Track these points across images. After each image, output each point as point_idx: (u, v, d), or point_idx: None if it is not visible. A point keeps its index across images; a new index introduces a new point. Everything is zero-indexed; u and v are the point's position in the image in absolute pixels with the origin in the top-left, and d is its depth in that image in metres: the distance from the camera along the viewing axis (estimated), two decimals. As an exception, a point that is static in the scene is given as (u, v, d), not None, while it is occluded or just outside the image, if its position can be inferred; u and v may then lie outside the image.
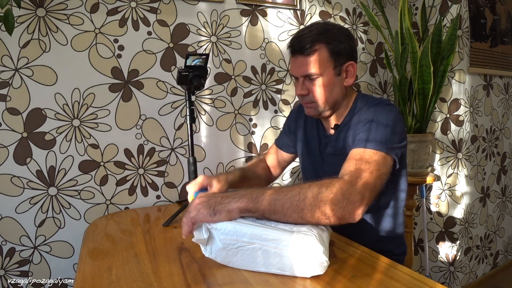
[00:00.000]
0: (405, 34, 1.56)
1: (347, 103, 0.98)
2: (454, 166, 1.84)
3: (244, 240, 0.67)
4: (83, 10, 1.19)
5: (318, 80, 0.90)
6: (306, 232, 0.66)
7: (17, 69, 1.12)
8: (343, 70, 0.92)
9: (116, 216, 1.18)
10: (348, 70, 0.93)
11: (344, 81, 0.93)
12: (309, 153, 1.08)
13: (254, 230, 0.67)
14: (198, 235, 0.70)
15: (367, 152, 0.79)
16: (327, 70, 0.90)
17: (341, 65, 0.91)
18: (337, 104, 0.96)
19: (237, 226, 0.67)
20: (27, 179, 1.15)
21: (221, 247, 0.69)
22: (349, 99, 0.98)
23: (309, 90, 0.92)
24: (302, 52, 0.89)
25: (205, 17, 1.39)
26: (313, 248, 0.63)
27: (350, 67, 0.92)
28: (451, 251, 1.86)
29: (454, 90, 1.81)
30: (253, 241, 0.66)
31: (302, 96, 0.94)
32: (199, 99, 1.41)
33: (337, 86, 0.92)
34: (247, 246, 0.67)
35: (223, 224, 0.68)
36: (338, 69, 0.91)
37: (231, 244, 0.68)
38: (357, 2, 1.75)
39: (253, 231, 0.66)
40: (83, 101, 1.21)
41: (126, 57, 1.27)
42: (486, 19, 1.87)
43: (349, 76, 0.93)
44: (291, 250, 0.64)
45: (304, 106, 0.98)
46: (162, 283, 0.65)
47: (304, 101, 0.96)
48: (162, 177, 1.35)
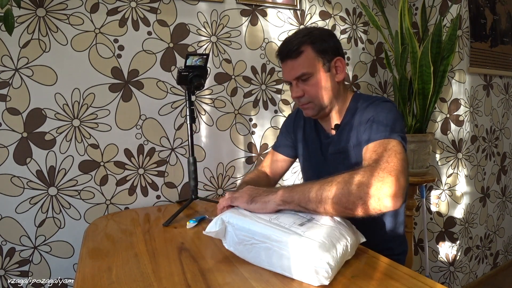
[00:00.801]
0: (405, 34, 1.57)
1: (344, 102, 0.99)
2: (454, 166, 1.84)
3: (256, 238, 0.68)
4: (83, 10, 1.19)
5: (311, 79, 0.93)
6: (314, 238, 0.64)
7: (17, 69, 1.12)
8: (332, 66, 0.94)
9: (116, 216, 1.18)
10: (337, 66, 0.95)
11: (335, 77, 0.95)
12: (309, 154, 1.08)
13: (264, 229, 0.67)
14: (210, 227, 0.73)
15: (380, 142, 0.80)
16: (317, 68, 0.92)
17: (329, 62, 0.94)
18: (333, 101, 0.97)
19: (250, 224, 0.69)
20: (27, 179, 1.15)
21: (237, 241, 0.71)
22: (345, 98, 0.99)
23: (304, 90, 0.94)
24: (290, 56, 0.92)
25: (205, 17, 1.39)
26: (316, 256, 0.61)
27: (338, 62, 0.95)
28: (451, 251, 1.86)
29: (454, 90, 1.81)
30: (264, 240, 0.67)
31: (298, 98, 0.96)
32: (199, 99, 1.41)
33: (329, 82, 0.95)
34: (259, 245, 0.68)
35: (238, 220, 0.71)
36: (327, 65, 0.93)
37: (246, 240, 0.70)
38: (357, 2, 1.75)
39: (263, 231, 0.67)
40: (83, 101, 1.21)
41: (126, 57, 1.27)
42: (486, 19, 1.87)
43: (339, 72, 0.96)
44: (297, 254, 0.63)
45: (302, 109, 1.00)
46: (162, 283, 0.65)
47: (301, 103, 0.98)
48: (162, 177, 1.35)
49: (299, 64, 0.91)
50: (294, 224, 0.69)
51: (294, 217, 0.72)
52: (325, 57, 0.93)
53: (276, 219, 0.71)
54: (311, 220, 0.71)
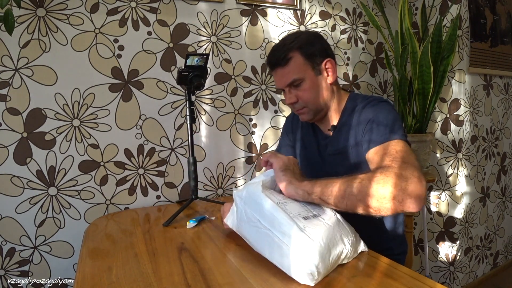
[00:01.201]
0: (405, 34, 1.57)
1: (339, 103, 0.99)
2: (454, 166, 1.84)
3: (261, 222, 0.69)
4: (83, 10, 1.19)
5: (302, 85, 0.93)
6: (313, 236, 0.63)
7: (17, 69, 1.12)
8: (322, 69, 0.94)
9: (116, 216, 1.18)
10: (327, 68, 0.95)
11: (327, 79, 0.95)
12: (307, 155, 1.08)
13: (272, 209, 0.68)
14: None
15: (387, 144, 0.79)
16: (307, 72, 0.93)
17: (319, 65, 0.94)
18: (328, 103, 0.97)
19: (264, 203, 0.70)
20: (27, 179, 1.15)
21: (245, 219, 0.73)
22: (340, 99, 0.99)
23: (297, 96, 0.95)
24: (279, 64, 0.92)
25: (205, 17, 1.39)
26: (308, 255, 0.61)
27: (328, 64, 0.95)
28: (451, 251, 1.86)
29: (454, 90, 1.81)
30: (268, 227, 0.67)
31: (292, 104, 0.97)
32: (199, 99, 1.41)
33: (322, 85, 0.95)
34: (262, 230, 0.68)
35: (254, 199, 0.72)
36: (317, 69, 0.94)
37: (252, 222, 0.71)
38: (357, 2, 1.75)
39: (271, 210, 0.68)
40: (83, 101, 1.21)
41: (126, 57, 1.27)
42: (486, 19, 1.87)
43: (330, 73, 0.95)
44: (291, 248, 0.63)
45: (298, 114, 1.00)
46: (162, 283, 0.65)
47: (296, 109, 0.98)
48: (162, 177, 1.35)
49: (289, 71, 0.92)
50: (299, 215, 0.68)
51: (300, 208, 0.72)
52: (314, 60, 0.93)
53: (283, 204, 0.71)
54: (317, 216, 0.70)
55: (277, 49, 0.93)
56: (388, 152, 0.77)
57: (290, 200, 0.74)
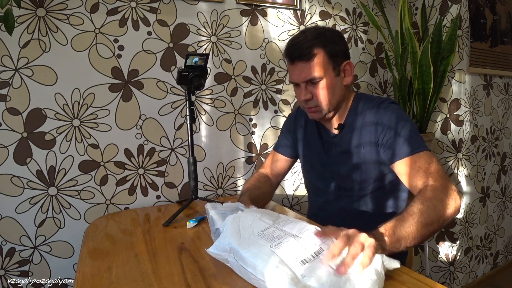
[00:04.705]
0: (405, 34, 1.57)
1: (346, 103, 1.00)
2: (454, 166, 1.84)
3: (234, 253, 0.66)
4: (83, 10, 1.19)
5: (321, 83, 0.92)
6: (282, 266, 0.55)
7: (17, 69, 1.12)
8: (341, 70, 0.94)
9: (116, 216, 1.18)
10: (346, 69, 0.95)
11: (344, 80, 0.95)
12: (311, 154, 1.08)
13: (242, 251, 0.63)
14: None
15: (416, 157, 0.84)
16: (328, 72, 0.91)
17: (339, 65, 0.93)
18: (340, 104, 0.97)
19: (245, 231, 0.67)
20: (27, 179, 1.15)
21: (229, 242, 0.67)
22: (348, 99, 1.00)
23: (313, 94, 0.93)
24: (302, 58, 0.90)
25: (205, 17, 1.39)
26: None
27: (347, 66, 0.95)
28: (451, 251, 1.86)
29: (454, 90, 1.81)
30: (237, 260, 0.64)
31: (306, 101, 0.95)
32: (199, 99, 1.41)
33: (338, 86, 0.94)
34: (233, 261, 0.66)
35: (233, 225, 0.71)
36: (337, 69, 0.93)
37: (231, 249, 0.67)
38: (357, 2, 1.75)
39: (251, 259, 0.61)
40: (83, 101, 1.21)
41: (126, 57, 1.26)
42: (486, 19, 1.87)
43: (348, 75, 0.95)
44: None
45: (308, 111, 0.99)
46: (162, 283, 0.65)
47: (308, 106, 0.96)
48: (162, 177, 1.35)
49: (311, 67, 0.90)
50: (296, 259, 0.57)
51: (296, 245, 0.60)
52: (336, 61, 0.92)
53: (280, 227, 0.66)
54: (318, 255, 0.59)
55: (301, 43, 0.90)
56: (421, 167, 0.82)
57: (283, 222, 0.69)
